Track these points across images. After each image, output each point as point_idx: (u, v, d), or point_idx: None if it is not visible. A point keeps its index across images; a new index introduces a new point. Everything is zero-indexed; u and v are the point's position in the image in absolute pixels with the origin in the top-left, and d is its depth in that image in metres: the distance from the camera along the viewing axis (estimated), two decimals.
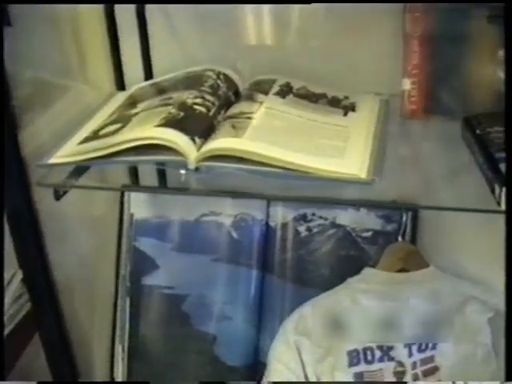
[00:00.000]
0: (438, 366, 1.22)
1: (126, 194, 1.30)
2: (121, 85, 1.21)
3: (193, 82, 1.11)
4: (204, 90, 1.07)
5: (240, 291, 1.28)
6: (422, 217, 1.26)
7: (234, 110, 1.03)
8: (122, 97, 1.16)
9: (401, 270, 1.23)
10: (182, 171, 0.92)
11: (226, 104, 1.07)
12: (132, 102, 1.10)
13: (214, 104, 1.04)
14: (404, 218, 1.24)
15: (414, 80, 1.05)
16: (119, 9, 1.17)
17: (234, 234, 1.27)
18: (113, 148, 0.93)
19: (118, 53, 1.19)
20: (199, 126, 0.97)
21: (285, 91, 1.09)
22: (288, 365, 1.21)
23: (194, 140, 0.93)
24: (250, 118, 0.99)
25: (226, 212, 1.27)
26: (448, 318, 1.23)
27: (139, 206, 1.29)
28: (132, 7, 1.16)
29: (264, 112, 1.01)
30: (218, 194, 1.12)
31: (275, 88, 1.11)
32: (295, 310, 1.23)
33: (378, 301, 1.22)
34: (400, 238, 1.24)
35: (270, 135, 0.94)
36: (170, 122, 0.95)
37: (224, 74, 1.14)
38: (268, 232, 1.27)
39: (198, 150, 0.93)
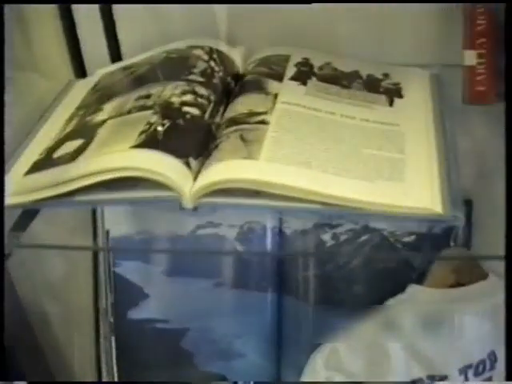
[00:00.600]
0: None
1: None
2: (80, 71, 0.91)
3: (176, 66, 0.82)
4: (194, 79, 0.78)
5: (253, 321, 1.00)
6: (477, 215, 0.99)
7: (239, 107, 0.74)
8: (82, 88, 0.87)
9: (455, 285, 0.98)
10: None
11: (226, 96, 0.78)
12: (96, 100, 0.80)
13: (209, 100, 0.75)
14: None
15: (482, 52, 0.76)
16: None
17: (241, 249, 0.99)
18: (72, 184, 0.65)
19: (73, 27, 0.88)
20: (193, 140, 0.69)
21: (304, 73, 0.81)
22: None
23: (188, 164, 0.66)
24: (263, 121, 0.71)
25: (229, 221, 0.98)
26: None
27: (116, 220, 0.99)
28: None
29: (282, 111, 0.73)
30: None
31: (291, 68, 0.81)
32: (325, 342, 0.97)
33: (427, 324, 0.96)
34: (452, 243, 0.97)
35: (296, 150, 0.66)
36: (151, 139, 0.67)
37: (218, 52, 0.85)
38: (283, 243, 0.98)
39: (195, 177, 0.65)
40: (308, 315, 1.00)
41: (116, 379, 1.03)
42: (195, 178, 0.65)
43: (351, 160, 0.66)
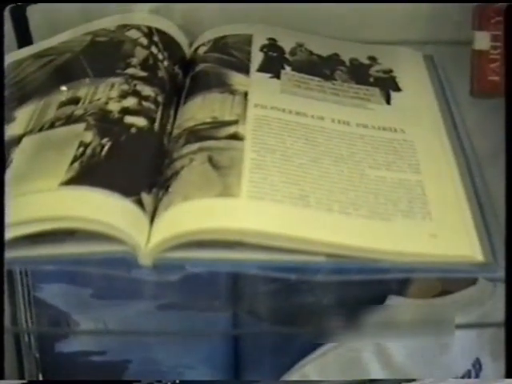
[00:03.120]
0: None
1: None
2: None
3: (108, 55, 0.62)
4: (133, 73, 0.58)
5: (206, 347, 0.82)
6: None
7: (198, 113, 0.55)
8: None
9: (441, 293, 0.82)
10: None
11: (175, 94, 0.59)
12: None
13: (156, 102, 0.56)
14: None
15: (497, 34, 0.59)
16: None
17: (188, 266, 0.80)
18: None
19: None
20: (143, 165, 0.50)
21: (275, 61, 0.62)
22: None
23: (140, 202, 0.47)
24: (236, 136, 0.51)
25: None
26: (492, 336, 0.88)
27: None
28: None
29: (258, 119, 0.54)
30: None
31: (256, 54, 0.62)
32: (293, 368, 0.81)
33: (411, 341, 0.82)
34: None
35: (286, 179, 0.48)
36: (87, 170, 0.48)
37: (158, 32, 0.64)
38: None
39: (151, 219, 0.46)
40: (270, 337, 0.83)
41: None
42: (151, 221, 0.47)
43: (357, 188, 0.49)
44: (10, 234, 0.45)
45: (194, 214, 0.45)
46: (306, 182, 0.48)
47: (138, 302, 0.80)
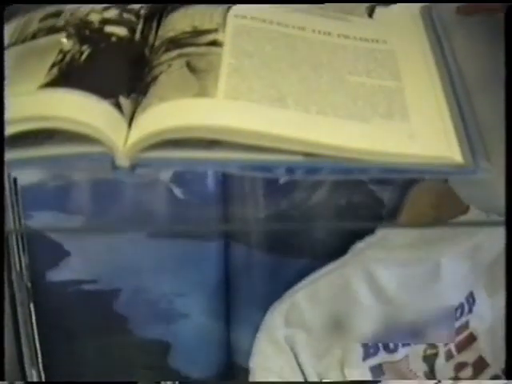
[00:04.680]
0: (474, 334, 0.90)
1: None
2: None
3: None
4: None
5: (196, 275, 0.83)
6: None
7: (179, 23, 0.56)
8: None
9: (432, 222, 0.84)
10: None
11: (159, 8, 0.59)
12: None
13: (137, 14, 0.57)
14: None
15: None
16: None
17: (178, 192, 0.81)
18: None
19: None
20: (123, 71, 0.52)
21: None
22: (280, 372, 0.84)
23: (118, 105, 0.48)
24: (215, 42, 0.52)
25: None
26: (488, 268, 0.89)
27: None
28: None
29: (238, 27, 0.55)
30: None
31: None
32: (283, 296, 0.83)
33: (400, 269, 0.83)
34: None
35: (265, 82, 0.49)
36: (67, 74, 0.49)
37: None
38: (228, 183, 0.81)
39: (130, 122, 0.47)
40: (260, 264, 0.84)
41: (39, 351, 0.86)
42: (129, 124, 0.48)
43: (336, 92, 0.50)
44: None
45: (170, 114, 0.46)
46: (284, 85, 0.49)
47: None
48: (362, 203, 0.84)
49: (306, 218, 0.83)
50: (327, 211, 0.83)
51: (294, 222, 0.83)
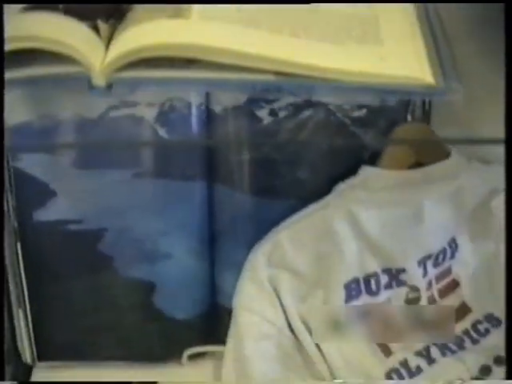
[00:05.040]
0: (456, 280, 0.92)
1: None
2: None
3: None
4: None
5: (180, 215, 0.85)
6: None
7: None
8: None
9: (414, 165, 0.86)
10: None
11: None
12: None
13: None
14: None
15: None
16: None
17: (162, 132, 0.82)
18: None
19: None
20: None
21: None
22: (262, 313, 0.86)
23: (96, 28, 0.50)
24: None
25: (146, 100, 0.80)
26: (471, 214, 0.91)
27: (9, 103, 0.79)
28: None
29: None
30: None
31: None
32: (266, 236, 0.85)
33: (382, 211, 0.85)
34: (410, 117, 0.84)
35: (237, 7, 0.50)
36: None
37: None
38: (212, 122, 0.82)
39: (107, 45, 0.49)
40: (244, 206, 0.86)
41: (25, 291, 0.88)
42: (107, 47, 0.49)
43: (309, 16, 0.51)
44: None
45: (146, 33, 0.48)
46: (259, 10, 0.50)
47: (114, 170, 0.83)
48: (345, 146, 0.85)
49: (289, 160, 0.85)
50: (310, 153, 0.85)
51: (277, 166, 0.84)
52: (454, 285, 0.92)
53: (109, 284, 0.87)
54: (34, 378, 0.91)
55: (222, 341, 0.87)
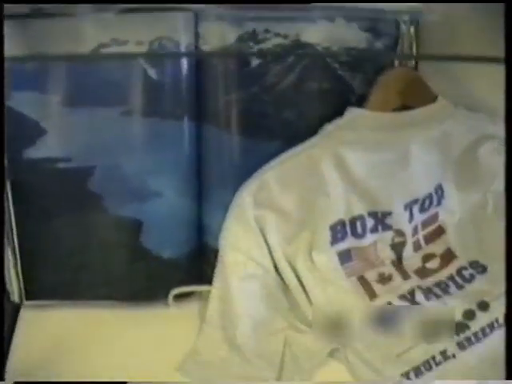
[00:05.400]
0: (442, 227, 0.95)
1: None
2: None
3: None
4: None
5: (168, 154, 0.88)
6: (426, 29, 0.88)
7: None
8: None
9: (400, 108, 0.89)
10: None
11: None
12: None
13: None
14: (402, 30, 0.86)
15: None
16: None
17: (151, 72, 0.84)
18: None
19: None
20: None
21: None
22: (249, 253, 0.89)
23: None
24: None
25: (136, 38, 0.83)
26: (457, 161, 0.94)
27: None
28: None
29: None
30: None
31: None
32: (253, 176, 0.88)
33: (369, 153, 0.87)
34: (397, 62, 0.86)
35: None
36: None
37: None
38: (201, 62, 0.85)
39: None
40: (232, 146, 0.89)
41: (14, 229, 0.89)
42: None
43: None
44: None
45: None
46: None
47: (103, 108, 0.85)
48: (332, 89, 0.87)
49: (277, 102, 0.86)
50: (298, 96, 0.86)
51: (265, 105, 0.86)
52: (440, 231, 0.95)
53: (97, 222, 0.90)
54: (21, 318, 0.93)
55: (208, 281, 0.90)
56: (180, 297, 0.92)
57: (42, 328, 0.91)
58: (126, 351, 0.88)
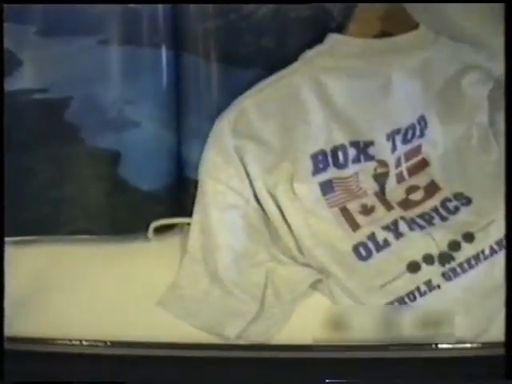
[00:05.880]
0: (426, 159, 0.96)
1: None
2: None
3: None
4: None
5: (146, 84, 0.88)
6: None
7: None
8: None
9: (381, 35, 0.89)
10: None
11: None
12: None
13: None
14: None
15: None
16: None
17: None
18: None
19: None
20: None
21: None
22: (228, 183, 0.90)
23: None
24: None
25: None
26: (440, 93, 0.94)
27: None
28: None
29: None
30: None
31: None
32: (231, 104, 0.89)
33: (350, 80, 0.88)
34: None
35: None
36: None
37: None
38: None
39: None
40: (210, 74, 0.89)
41: None
42: None
43: None
44: None
45: None
46: None
47: (79, 37, 0.86)
48: (312, 16, 0.87)
49: (255, 29, 0.86)
50: (276, 23, 0.86)
51: (243, 33, 0.86)
52: (424, 164, 0.96)
53: (74, 154, 0.91)
54: None
55: (189, 214, 0.91)
56: (161, 231, 0.93)
57: (20, 265, 0.90)
58: (106, 287, 0.88)
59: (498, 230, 0.88)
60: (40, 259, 0.92)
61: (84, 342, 0.82)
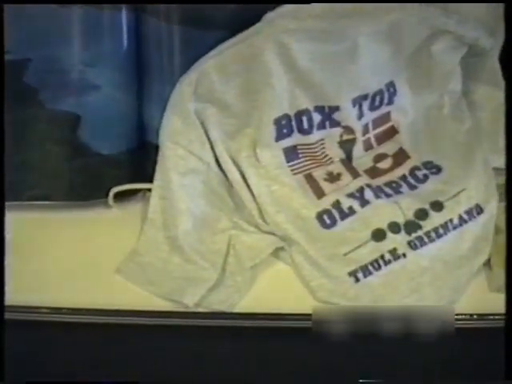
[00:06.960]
0: (395, 127, 0.97)
1: None
2: None
3: None
4: None
5: (106, 45, 0.89)
6: None
7: None
8: None
9: None
10: None
11: None
12: None
13: None
14: None
15: None
16: None
17: None
18: None
19: None
20: None
21: None
22: (189, 147, 0.91)
23: None
24: None
25: None
26: (410, 59, 0.94)
27: None
28: None
29: None
30: None
31: None
32: (192, 66, 0.89)
33: (314, 43, 0.88)
34: None
35: None
36: None
37: None
38: None
39: None
40: (172, 37, 0.89)
41: None
42: None
43: None
44: None
45: None
46: None
47: None
48: None
49: None
50: None
51: None
52: (393, 132, 0.98)
53: (33, 117, 0.91)
54: None
55: (150, 180, 0.92)
56: (123, 197, 0.95)
57: None
58: (66, 254, 0.90)
59: (468, 199, 0.90)
60: None
61: (43, 310, 0.83)
